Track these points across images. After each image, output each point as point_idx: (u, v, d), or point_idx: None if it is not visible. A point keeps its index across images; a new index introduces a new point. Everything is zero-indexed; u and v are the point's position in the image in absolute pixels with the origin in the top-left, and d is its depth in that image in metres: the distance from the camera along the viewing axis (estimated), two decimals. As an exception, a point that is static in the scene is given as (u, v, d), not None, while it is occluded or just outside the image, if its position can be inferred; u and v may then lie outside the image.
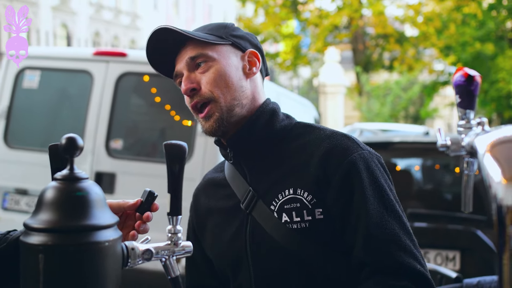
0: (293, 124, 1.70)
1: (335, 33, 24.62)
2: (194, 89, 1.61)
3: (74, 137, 1.02)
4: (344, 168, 1.54)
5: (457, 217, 4.35)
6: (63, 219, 0.98)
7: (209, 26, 1.69)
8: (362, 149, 1.59)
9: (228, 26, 1.69)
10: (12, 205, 5.29)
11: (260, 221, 1.60)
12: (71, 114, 5.49)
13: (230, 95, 1.61)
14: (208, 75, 1.61)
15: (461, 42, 21.91)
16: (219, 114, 1.60)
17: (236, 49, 1.66)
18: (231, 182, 1.70)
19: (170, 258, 1.18)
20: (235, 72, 1.63)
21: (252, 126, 1.63)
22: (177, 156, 1.17)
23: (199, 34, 1.62)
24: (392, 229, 1.51)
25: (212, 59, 1.61)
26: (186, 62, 1.62)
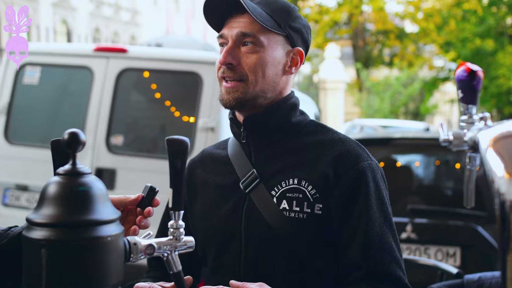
0: (307, 121, 1.74)
1: (335, 29, 24.62)
2: (231, 64, 1.62)
3: (77, 132, 1.02)
4: (354, 173, 1.60)
5: (458, 213, 4.35)
6: (66, 214, 0.98)
7: (276, 4, 1.66)
8: (372, 160, 1.66)
9: (291, 12, 1.67)
10: (12, 201, 5.30)
11: (257, 203, 1.63)
12: (71, 110, 5.49)
13: (260, 86, 1.63)
14: (250, 58, 1.61)
15: (461, 38, 21.91)
16: (241, 95, 1.62)
17: (287, 42, 1.67)
18: (234, 160, 1.72)
19: (172, 253, 1.18)
20: (276, 66, 1.65)
21: (271, 114, 1.66)
22: (179, 151, 1.17)
23: (261, 13, 1.61)
24: (389, 241, 1.58)
25: (261, 44, 1.61)
26: (236, 34, 1.62)
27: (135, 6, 35.13)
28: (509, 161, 0.82)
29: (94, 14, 31.65)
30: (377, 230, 1.57)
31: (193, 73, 4.94)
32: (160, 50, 5.68)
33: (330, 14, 23.47)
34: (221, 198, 1.71)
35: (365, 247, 1.56)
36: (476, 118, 1.20)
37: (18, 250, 1.46)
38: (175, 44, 6.39)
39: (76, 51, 5.54)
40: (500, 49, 21.79)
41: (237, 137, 1.73)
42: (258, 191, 1.64)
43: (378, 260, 1.55)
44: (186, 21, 37.32)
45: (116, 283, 1.03)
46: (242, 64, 1.61)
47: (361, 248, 1.56)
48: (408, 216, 4.41)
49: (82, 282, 0.98)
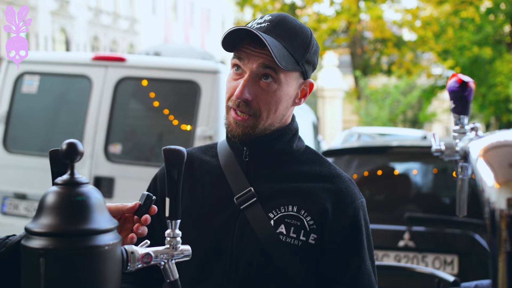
0: (304, 148, 1.77)
1: (333, 37, 24.69)
2: (247, 99, 1.60)
3: (75, 143, 1.04)
4: (351, 211, 1.65)
5: (455, 221, 4.36)
6: (64, 223, 0.99)
7: (295, 40, 1.62)
8: (362, 197, 1.72)
9: (309, 46, 1.65)
10: (11, 210, 5.30)
11: (252, 222, 1.63)
12: (70, 119, 5.50)
13: (271, 119, 1.64)
14: (267, 95, 1.60)
15: (459, 46, 21.97)
16: (251, 131, 1.62)
17: (300, 76, 1.67)
18: (228, 173, 1.71)
19: (169, 261, 1.19)
20: (287, 100, 1.66)
21: (276, 140, 1.68)
22: (176, 161, 1.18)
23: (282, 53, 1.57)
24: (373, 279, 1.66)
25: (279, 81, 1.60)
26: (258, 67, 1.59)
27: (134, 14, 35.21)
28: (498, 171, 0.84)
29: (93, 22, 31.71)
30: (367, 269, 1.64)
31: (191, 82, 4.95)
32: (158, 59, 5.70)
33: (328, 22, 23.53)
34: (211, 210, 1.69)
35: (354, 282, 1.62)
36: (467, 128, 1.22)
37: (16, 259, 1.46)
38: (174, 53, 6.41)
39: (74, 60, 5.56)
40: (498, 57, 21.85)
41: (236, 152, 1.72)
42: (254, 209, 1.64)
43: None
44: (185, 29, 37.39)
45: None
46: (257, 100, 1.61)
47: (351, 283, 1.62)
48: (406, 224, 4.42)
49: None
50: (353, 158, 4.96)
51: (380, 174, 5.13)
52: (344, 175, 1.73)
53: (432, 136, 1.27)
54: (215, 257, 1.65)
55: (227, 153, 1.75)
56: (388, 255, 4.30)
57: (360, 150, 5.29)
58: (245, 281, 1.63)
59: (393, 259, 4.33)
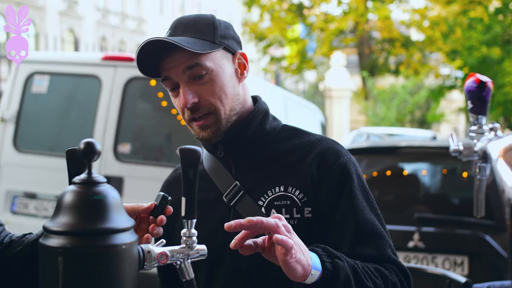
0: (280, 127, 1.74)
1: (341, 38, 24.63)
2: (195, 103, 1.60)
3: (92, 142, 1.04)
4: (337, 168, 1.61)
5: (465, 221, 4.34)
6: (82, 222, 1.00)
7: (198, 26, 1.62)
8: (350, 154, 1.68)
9: (216, 25, 1.64)
10: (21, 209, 5.32)
11: (244, 215, 1.59)
12: (79, 119, 5.52)
13: (228, 106, 1.62)
14: (207, 88, 1.60)
15: (467, 46, 21.88)
16: (217, 126, 1.62)
17: (227, 52, 1.65)
18: (213, 175, 1.71)
19: (185, 261, 1.19)
20: (230, 80, 1.64)
21: (246, 127, 1.66)
22: (192, 160, 1.18)
23: (193, 42, 1.57)
24: (379, 227, 1.59)
25: (209, 69, 1.59)
26: (183, 72, 1.58)
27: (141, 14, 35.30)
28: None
29: (101, 22, 31.81)
30: (367, 218, 1.58)
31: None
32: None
33: (336, 22, 23.48)
34: (204, 214, 1.67)
35: (357, 236, 1.56)
36: (486, 129, 1.21)
37: (33, 257, 1.48)
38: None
39: (84, 60, 5.58)
40: (506, 57, 21.74)
41: (213, 153, 1.72)
42: (243, 203, 1.63)
43: (373, 247, 1.55)
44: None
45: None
46: (204, 98, 1.60)
47: (355, 237, 1.56)
48: (415, 225, 4.40)
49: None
50: (362, 158, 4.95)
51: (389, 174, 5.12)
52: (325, 138, 1.71)
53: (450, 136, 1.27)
54: (219, 259, 1.65)
55: (208, 156, 1.76)
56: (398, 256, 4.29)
57: (369, 150, 5.28)
58: (250, 275, 1.62)
59: (403, 259, 4.32)
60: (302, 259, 1.29)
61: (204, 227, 1.66)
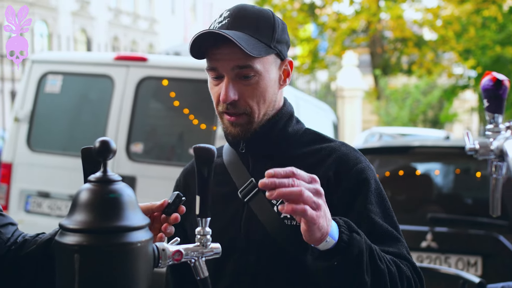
0: (303, 130, 1.75)
1: (353, 37, 24.55)
2: (235, 100, 1.60)
3: (108, 141, 1.05)
4: (355, 172, 1.61)
5: (479, 222, 4.32)
6: (98, 220, 1.00)
7: (259, 24, 1.60)
8: (369, 163, 1.67)
9: (275, 27, 1.62)
10: (34, 208, 5.36)
11: (257, 212, 1.62)
12: (92, 118, 5.55)
13: (263, 110, 1.63)
14: (251, 90, 1.60)
15: (481, 45, 21.72)
16: (248, 126, 1.62)
17: (277, 57, 1.64)
18: (231, 169, 1.72)
19: (199, 259, 1.19)
20: (272, 86, 1.64)
21: (271, 128, 1.66)
22: (207, 159, 1.19)
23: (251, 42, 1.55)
24: (393, 231, 1.58)
25: (258, 72, 1.58)
26: (232, 68, 1.58)
27: (153, 15, 35.41)
28: (536, 170, 0.83)
29: (113, 23, 31.95)
30: (381, 222, 1.57)
31: (213, 81, 4.97)
32: (179, 58, 5.72)
33: (348, 22, 23.40)
34: (218, 207, 1.69)
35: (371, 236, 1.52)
36: (502, 127, 1.20)
37: (46, 257, 1.48)
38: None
39: (97, 60, 5.60)
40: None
41: (234, 147, 1.72)
42: (257, 200, 1.64)
43: (388, 246, 1.54)
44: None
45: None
46: (244, 98, 1.60)
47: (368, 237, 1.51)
48: (428, 225, 4.38)
49: (113, 286, 1.00)
50: (374, 158, 4.94)
51: (402, 174, 5.10)
52: (346, 144, 1.70)
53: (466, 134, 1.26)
54: (228, 254, 1.63)
55: (229, 149, 1.76)
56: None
57: (381, 150, 5.26)
58: (257, 272, 1.62)
59: (416, 260, 4.29)
60: (324, 226, 1.29)
61: (216, 222, 1.67)
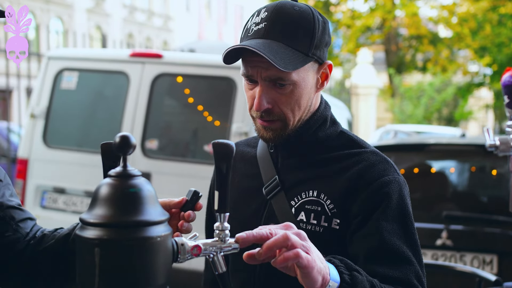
0: (337, 133, 1.68)
1: (368, 34, 24.49)
2: (269, 108, 1.57)
3: (128, 136, 1.06)
4: (377, 185, 1.53)
5: (494, 220, 4.29)
6: (118, 215, 1.01)
7: (297, 32, 1.54)
8: (399, 175, 1.59)
9: (314, 33, 1.55)
10: (50, 204, 5.40)
11: (276, 211, 1.61)
12: (107, 115, 5.58)
13: (298, 116, 1.59)
14: (284, 97, 1.56)
15: (497, 43, 21.56)
16: (281, 132, 1.59)
17: (315, 63, 1.59)
18: (261, 163, 1.70)
19: (217, 254, 1.20)
20: (308, 92, 1.60)
21: (302, 133, 1.63)
22: (225, 154, 1.19)
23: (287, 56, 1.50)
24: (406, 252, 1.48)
25: (292, 82, 1.54)
26: (267, 79, 1.54)
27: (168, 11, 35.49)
28: (558, 166, 0.82)
29: (128, 20, 32.06)
30: (393, 241, 1.47)
31: (227, 78, 4.97)
32: (194, 55, 5.73)
33: (363, 19, 23.35)
34: (244, 200, 1.69)
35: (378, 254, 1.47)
36: (522, 124, 1.20)
37: (64, 251, 1.50)
38: (208, 49, 6.45)
39: (112, 57, 5.63)
40: (536, 54, 21.39)
41: (266, 142, 1.69)
42: (278, 198, 1.62)
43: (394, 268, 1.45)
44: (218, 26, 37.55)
45: (165, 282, 1.06)
46: (278, 105, 1.57)
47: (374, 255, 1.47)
48: (443, 223, 4.37)
49: (133, 280, 1.01)
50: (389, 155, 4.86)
51: (417, 172, 5.08)
52: (376, 152, 1.62)
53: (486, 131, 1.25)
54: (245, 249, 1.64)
55: (263, 142, 1.73)
56: (426, 254, 4.26)
57: (396, 147, 5.24)
58: (269, 273, 1.59)
59: (431, 257, 4.28)
60: (322, 267, 1.23)
61: (240, 213, 1.67)
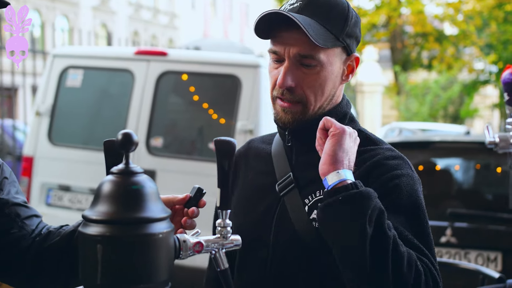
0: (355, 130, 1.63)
1: (373, 32, 24.43)
2: (292, 86, 1.55)
3: (130, 133, 1.06)
4: (387, 178, 1.50)
5: (499, 217, 4.29)
6: (120, 211, 1.02)
7: (331, 13, 1.54)
8: (413, 171, 1.56)
9: (348, 19, 1.57)
10: (55, 201, 5.42)
11: (289, 209, 1.59)
12: (112, 112, 5.59)
13: (320, 102, 1.58)
14: (310, 79, 1.55)
15: (503, 40, 21.46)
16: (301, 117, 1.57)
17: (344, 51, 1.59)
18: (275, 159, 1.68)
19: (219, 250, 1.21)
20: (333, 80, 1.58)
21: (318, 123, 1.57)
22: (227, 152, 1.20)
23: (319, 31, 1.50)
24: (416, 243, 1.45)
25: (320, 63, 1.53)
26: (294, 56, 1.53)
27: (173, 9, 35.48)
28: (557, 163, 0.83)
29: (133, 17, 32.08)
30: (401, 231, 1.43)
31: (232, 76, 4.98)
32: (199, 53, 5.74)
33: (368, 16, 23.30)
34: (257, 197, 1.68)
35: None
36: (522, 121, 1.20)
37: (70, 248, 1.51)
38: (213, 47, 6.45)
39: (117, 55, 5.64)
40: (542, 52, 21.29)
41: (282, 138, 1.68)
42: (291, 196, 1.60)
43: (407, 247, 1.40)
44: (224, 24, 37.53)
45: (167, 279, 1.07)
46: (302, 86, 1.55)
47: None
48: (448, 220, 4.36)
49: (135, 276, 1.02)
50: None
51: (422, 169, 5.08)
52: (393, 150, 1.59)
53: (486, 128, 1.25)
54: (256, 245, 1.63)
55: (278, 140, 1.72)
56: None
57: (401, 145, 5.24)
58: (281, 269, 1.60)
59: (435, 255, 4.28)
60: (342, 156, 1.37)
61: (253, 210, 1.66)
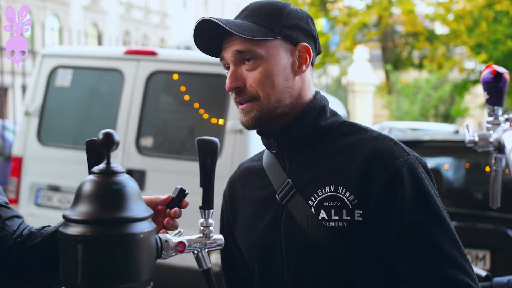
0: (339, 122, 1.65)
1: (364, 31, 24.49)
2: (239, 86, 1.58)
3: (111, 133, 1.06)
4: (389, 172, 1.50)
5: (488, 216, 4.31)
6: (101, 211, 1.01)
7: (263, 11, 1.59)
8: (409, 154, 1.55)
9: (281, 11, 1.59)
10: (45, 201, 5.40)
11: (295, 215, 1.57)
12: (102, 112, 5.57)
13: (274, 97, 1.57)
14: (254, 74, 1.56)
15: (493, 40, 21.59)
16: (258, 113, 1.58)
17: (287, 42, 1.59)
18: (269, 171, 1.67)
19: (202, 250, 1.20)
20: (283, 72, 1.58)
21: (299, 123, 1.60)
22: (209, 151, 1.19)
23: (248, 27, 1.55)
24: (434, 239, 1.46)
25: (260, 57, 1.55)
26: (233, 54, 1.57)
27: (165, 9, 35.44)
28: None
29: (124, 17, 32.02)
30: (419, 233, 1.45)
31: (222, 76, 4.97)
32: (189, 53, 5.73)
33: (359, 16, 23.36)
34: (260, 212, 1.67)
35: (406, 253, 1.46)
36: (501, 120, 1.21)
37: (52, 249, 1.50)
38: (204, 47, 6.41)
39: (107, 54, 5.62)
40: (532, 51, 21.42)
41: (268, 148, 1.67)
42: (295, 201, 1.58)
43: (424, 265, 1.44)
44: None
45: (148, 278, 1.06)
46: (249, 83, 1.57)
47: (402, 256, 1.46)
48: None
49: (116, 276, 1.01)
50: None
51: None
52: (382, 136, 1.59)
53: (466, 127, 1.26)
54: (270, 259, 1.63)
55: (267, 152, 1.72)
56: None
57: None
58: (299, 275, 1.58)
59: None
60: None
61: (259, 226, 1.66)
